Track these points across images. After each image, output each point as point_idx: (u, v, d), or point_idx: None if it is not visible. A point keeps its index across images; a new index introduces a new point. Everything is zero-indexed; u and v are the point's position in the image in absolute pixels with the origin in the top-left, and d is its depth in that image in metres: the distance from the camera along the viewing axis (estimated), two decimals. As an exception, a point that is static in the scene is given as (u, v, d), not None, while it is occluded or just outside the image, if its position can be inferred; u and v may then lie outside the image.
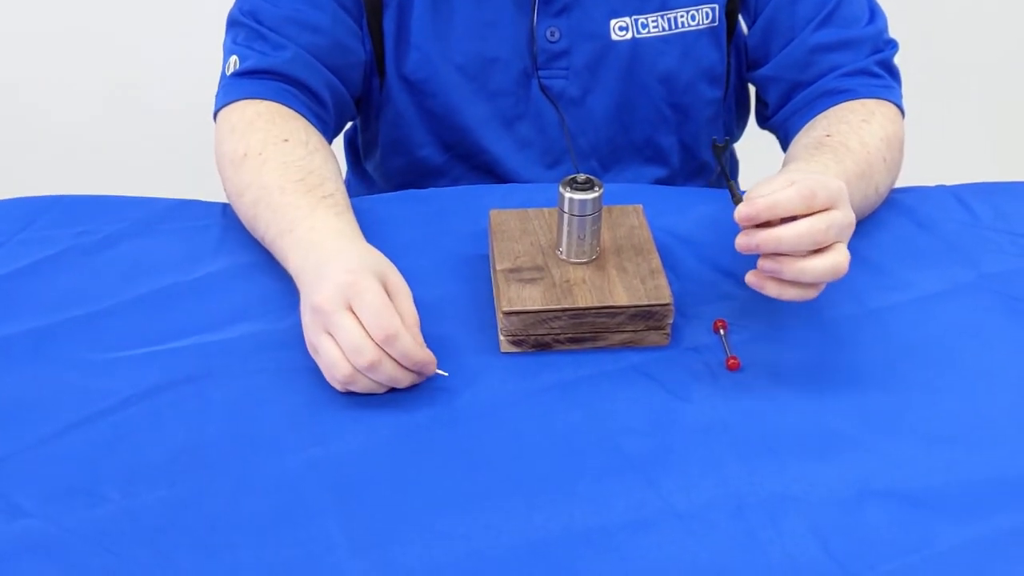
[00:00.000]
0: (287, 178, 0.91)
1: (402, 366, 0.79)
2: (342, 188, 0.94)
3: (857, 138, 0.96)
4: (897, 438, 0.78)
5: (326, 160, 0.95)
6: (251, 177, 0.93)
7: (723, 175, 0.82)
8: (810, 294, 0.80)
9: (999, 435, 0.79)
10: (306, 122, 0.99)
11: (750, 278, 0.80)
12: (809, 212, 0.76)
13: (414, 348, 0.79)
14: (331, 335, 0.79)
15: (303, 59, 1.00)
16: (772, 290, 0.79)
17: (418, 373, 0.81)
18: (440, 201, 1.04)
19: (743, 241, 0.78)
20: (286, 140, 0.95)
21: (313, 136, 0.98)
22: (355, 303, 0.78)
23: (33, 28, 1.93)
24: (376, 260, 0.83)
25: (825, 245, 0.77)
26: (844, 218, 0.78)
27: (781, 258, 0.78)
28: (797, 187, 0.76)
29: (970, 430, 0.79)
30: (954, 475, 0.75)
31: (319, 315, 0.79)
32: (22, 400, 0.82)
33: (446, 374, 0.82)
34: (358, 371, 0.78)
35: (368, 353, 0.77)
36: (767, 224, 0.77)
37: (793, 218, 0.77)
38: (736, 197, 0.80)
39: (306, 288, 0.83)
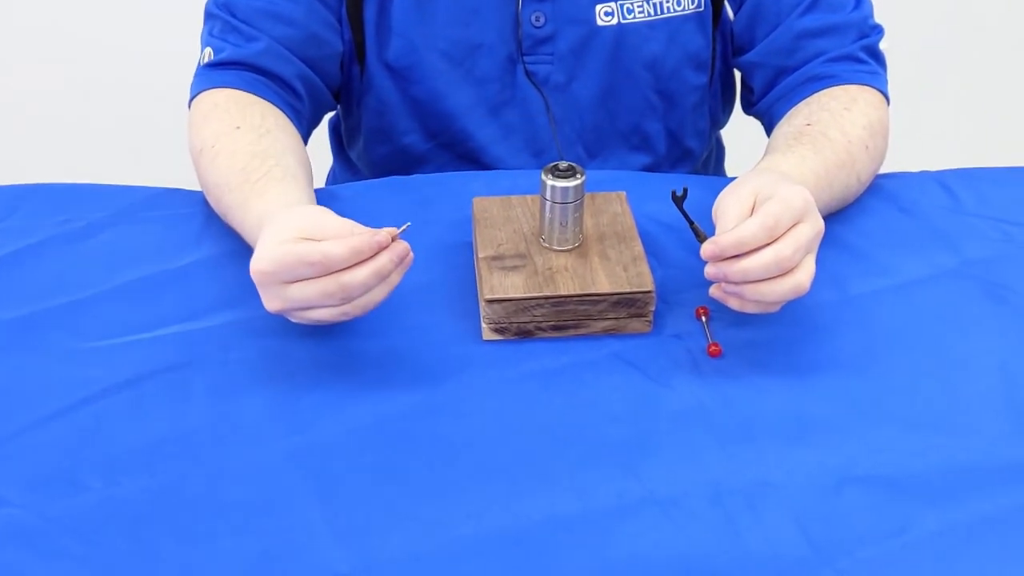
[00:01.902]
0: (232, 171, 0.90)
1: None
2: (283, 160, 0.91)
3: (838, 127, 0.96)
4: (877, 424, 0.79)
5: (277, 139, 0.94)
6: (208, 176, 0.94)
7: (685, 217, 0.83)
8: (772, 309, 0.80)
9: (978, 421, 0.79)
10: (267, 105, 0.98)
11: (714, 291, 0.80)
12: (775, 239, 0.77)
13: (368, 275, 0.75)
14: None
15: (276, 51, 1.00)
16: (734, 304, 0.80)
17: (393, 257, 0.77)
18: (424, 188, 1.03)
19: (713, 271, 0.78)
20: (238, 127, 0.94)
21: (270, 118, 0.96)
22: (286, 294, 0.77)
23: (15, 17, 1.92)
24: (278, 235, 0.77)
25: (792, 267, 0.78)
26: (811, 230, 0.78)
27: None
28: (760, 218, 0.76)
29: (949, 416, 0.79)
30: (933, 461, 0.76)
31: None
32: (3, 389, 0.82)
33: (408, 224, 0.79)
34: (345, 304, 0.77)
35: (336, 297, 0.76)
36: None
37: None
38: (701, 236, 0.81)
39: None
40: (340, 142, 1.24)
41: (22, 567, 0.70)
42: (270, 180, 0.88)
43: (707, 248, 0.77)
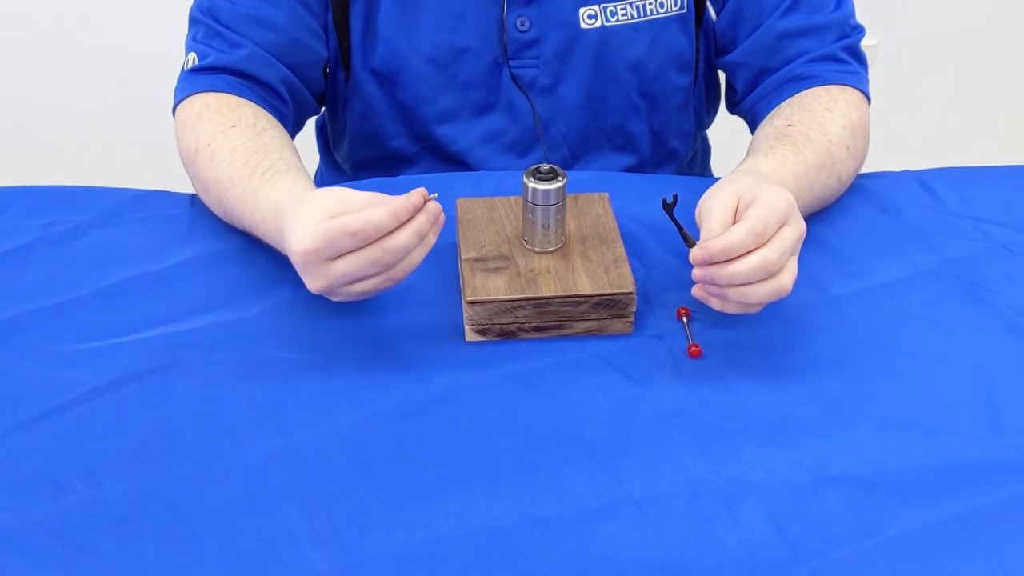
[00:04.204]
0: (234, 167, 0.91)
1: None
2: (285, 154, 0.92)
3: (819, 127, 0.96)
4: (853, 424, 0.79)
5: (273, 136, 0.95)
6: (207, 173, 0.94)
7: (675, 223, 0.83)
8: (753, 310, 0.81)
9: (954, 421, 0.80)
10: (257, 107, 0.99)
11: (697, 291, 0.81)
12: (761, 244, 0.77)
13: (409, 235, 0.78)
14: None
15: (259, 56, 1.01)
16: (715, 305, 0.81)
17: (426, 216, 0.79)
18: (409, 189, 1.03)
19: (700, 274, 0.79)
20: (233, 126, 0.95)
21: (262, 118, 0.97)
22: (331, 270, 0.78)
23: (1, 20, 1.92)
24: (310, 216, 0.78)
25: (777, 270, 0.78)
26: (795, 233, 0.79)
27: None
28: (749, 224, 0.77)
29: (925, 416, 0.80)
30: (909, 461, 0.76)
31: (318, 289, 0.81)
32: (-12, 391, 0.82)
33: (436, 194, 0.81)
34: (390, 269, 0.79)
35: (380, 263, 0.78)
36: None
37: None
38: (689, 241, 0.82)
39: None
40: (327, 143, 1.24)
41: (5, 569, 0.70)
42: (276, 172, 0.89)
43: (696, 254, 0.78)
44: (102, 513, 0.73)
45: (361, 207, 0.78)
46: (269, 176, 0.88)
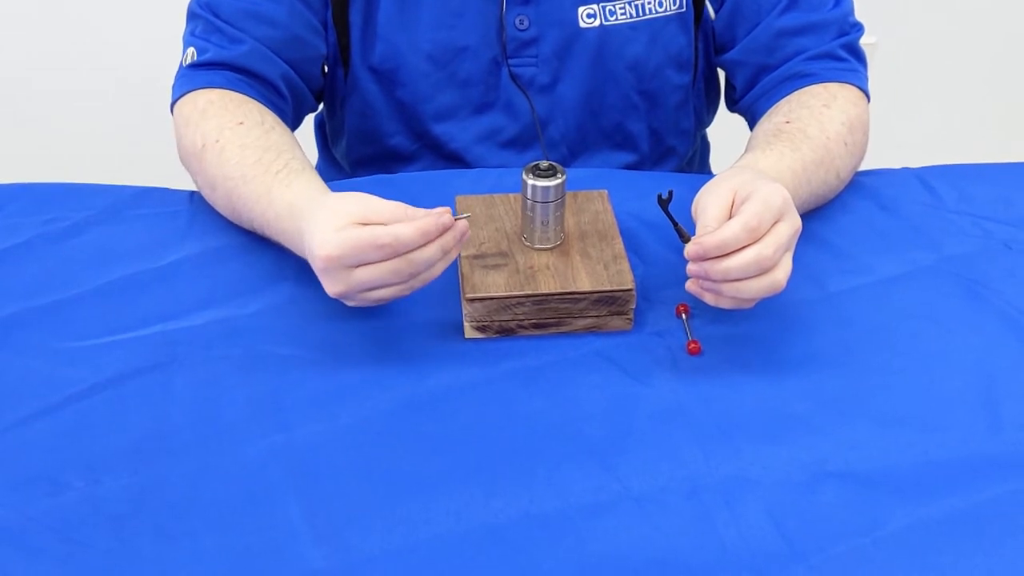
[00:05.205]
0: (246, 163, 0.91)
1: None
2: (297, 154, 0.93)
3: (817, 124, 0.96)
4: (852, 421, 0.79)
5: (282, 135, 0.95)
6: (214, 169, 0.94)
7: (670, 219, 0.83)
8: (747, 305, 0.81)
9: (953, 417, 0.80)
10: (260, 105, 0.99)
11: (691, 286, 0.81)
12: (756, 240, 0.77)
13: (435, 251, 0.79)
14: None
15: (259, 52, 1.01)
16: (709, 299, 0.81)
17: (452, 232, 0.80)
18: (408, 186, 1.04)
19: (695, 269, 0.79)
20: (241, 123, 0.95)
21: (268, 116, 0.97)
22: (353, 277, 0.79)
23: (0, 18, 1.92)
24: (334, 221, 0.79)
25: (772, 266, 0.78)
26: (789, 228, 0.79)
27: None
28: (743, 220, 0.77)
29: (924, 413, 0.80)
30: (907, 457, 0.76)
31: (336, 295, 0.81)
32: (-13, 388, 0.82)
33: (469, 215, 0.82)
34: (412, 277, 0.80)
35: (403, 274, 0.78)
36: None
37: None
38: (684, 236, 0.82)
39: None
40: (325, 140, 1.24)
41: (3, 565, 0.70)
42: (292, 172, 0.89)
43: (691, 249, 0.78)
44: (100, 510, 0.73)
45: (388, 218, 0.78)
46: (284, 175, 0.88)
